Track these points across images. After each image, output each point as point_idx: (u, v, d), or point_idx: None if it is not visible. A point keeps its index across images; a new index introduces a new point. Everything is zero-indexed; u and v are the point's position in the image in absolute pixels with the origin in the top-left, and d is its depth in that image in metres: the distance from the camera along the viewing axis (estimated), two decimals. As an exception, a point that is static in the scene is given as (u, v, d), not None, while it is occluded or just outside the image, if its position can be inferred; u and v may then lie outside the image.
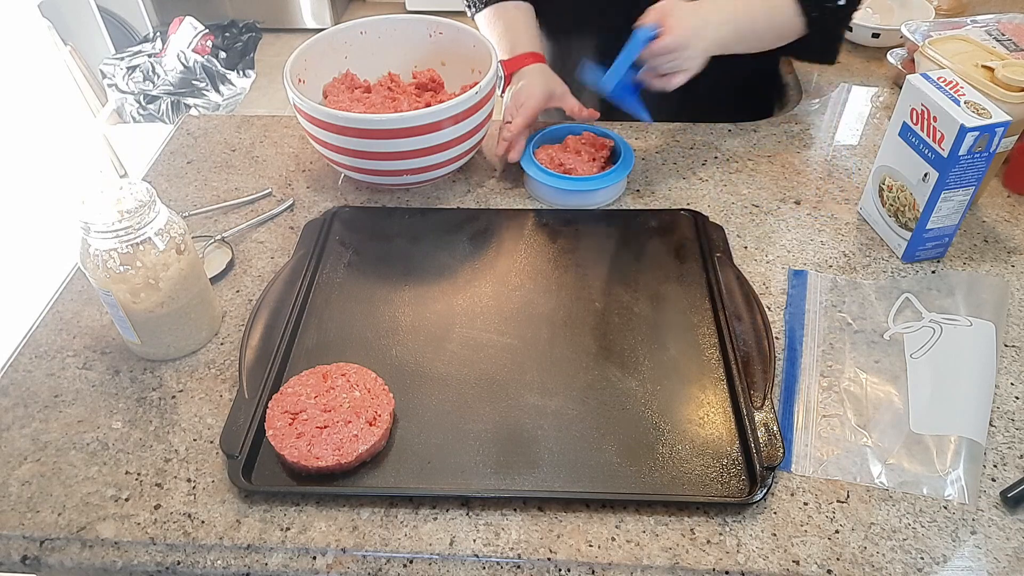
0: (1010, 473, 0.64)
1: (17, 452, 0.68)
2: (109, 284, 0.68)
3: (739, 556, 0.59)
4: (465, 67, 0.99)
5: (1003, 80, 0.80)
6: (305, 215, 0.92)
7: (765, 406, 0.67)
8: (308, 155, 1.02)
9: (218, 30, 3.05)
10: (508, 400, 0.70)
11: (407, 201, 0.95)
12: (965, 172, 0.75)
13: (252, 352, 0.74)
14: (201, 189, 0.97)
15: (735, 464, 0.64)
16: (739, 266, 0.82)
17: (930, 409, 0.68)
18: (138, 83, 2.72)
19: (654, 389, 0.70)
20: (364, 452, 0.64)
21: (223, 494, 0.64)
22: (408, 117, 0.84)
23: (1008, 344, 0.75)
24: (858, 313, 0.78)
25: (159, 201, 0.69)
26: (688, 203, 0.92)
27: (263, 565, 0.60)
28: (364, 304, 0.80)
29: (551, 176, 0.90)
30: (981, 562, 0.58)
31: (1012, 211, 0.90)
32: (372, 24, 1.01)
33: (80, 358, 0.76)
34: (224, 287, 0.84)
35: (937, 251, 0.83)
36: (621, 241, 0.87)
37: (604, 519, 0.62)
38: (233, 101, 2.89)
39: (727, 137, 1.03)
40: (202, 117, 1.11)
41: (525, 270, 0.83)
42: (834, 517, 0.61)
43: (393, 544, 0.60)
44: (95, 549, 0.61)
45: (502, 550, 0.60)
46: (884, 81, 1.14)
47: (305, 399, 0.67)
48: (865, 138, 1.03)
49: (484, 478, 0.64)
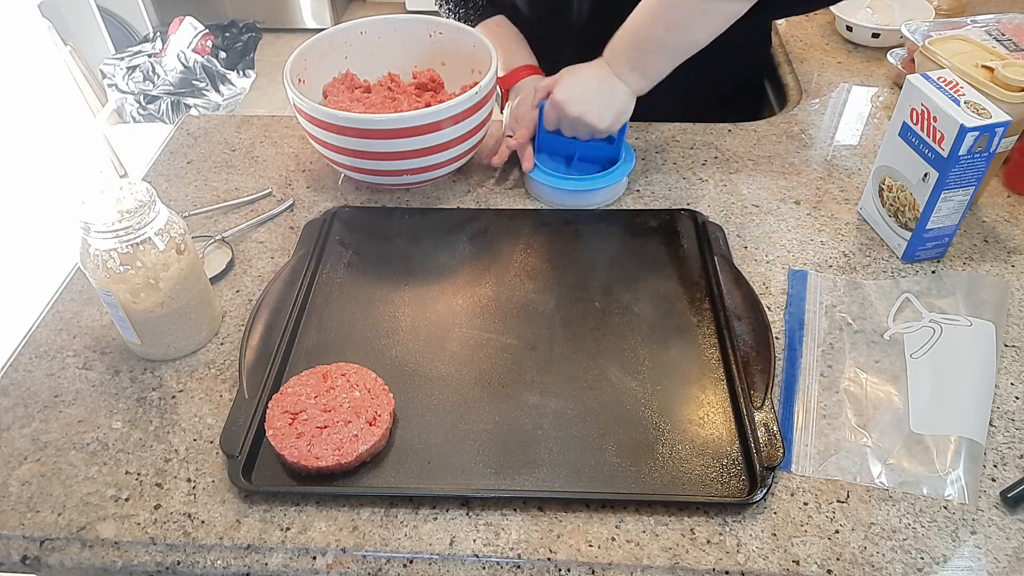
0: (1010, 473, 0.64)
1: (17, 452, 0.68)
2: (109, 284, 0.68)
3: (739, 556, 0.59)
4: (465, 67, 0.99)
5: (1003, 80, 0.80)
6: (305, 215, 0.92)
7: (765, 406, 0.67)
8: (308, 155, 1.02)
9: (218, 30, 3.05)
10: (508, 400, 0.70)
11: (407, 201, 0.95)
12: (965, 172, 0.75)
13: (252, 352, 0.74)
14: (201, 189, 0.97)
15: (735, 464, 0.64)
16: (739, 266, 0.82)
17: (930, 409, 0.68)
18: (138, 83, 2.73)
19: (654, 389, 0.70)
20: (364, 452, 0.64)
21: (223, 494, 0.64)
22: (408, 117, 0.84)
23: (1008, 344, 0.75)
24: (858, 313, 0.78)
25: (159, 201, 0.69)
26: (688, 203, 0.92)
27: (263, 565, 0.60)
28: (364, 304, 0.80)
29: (552, 176, 0.90)
30: (981, 562, 0.58)
31: (1012, 211, 0.90)
32: (372, 24, 1.01)
33: (80, 358, 0.76)
34: (224, 287, 0.84)
35: (937, 251, 0.83)
36: (621, 241, 0.87)
37: (604, 519, 0.62)
38: (233, 101, 2.89)
39: (727, 137, 1.03)
40: (202, 117, 1.11)
41: (525, 270, 0.83)
42: (834, 517, 0.61)
43: (393, 544, 0.60)
44: (95, 549, 0.61)
45: (502, 550, 0.60)
46: (884, 81, 1.14)
47: (305, 399, 0.67)
48: (865, 138, 1.03)
49: (484, 478, 0.64)
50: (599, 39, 0.89)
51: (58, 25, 2.46)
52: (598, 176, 0.90)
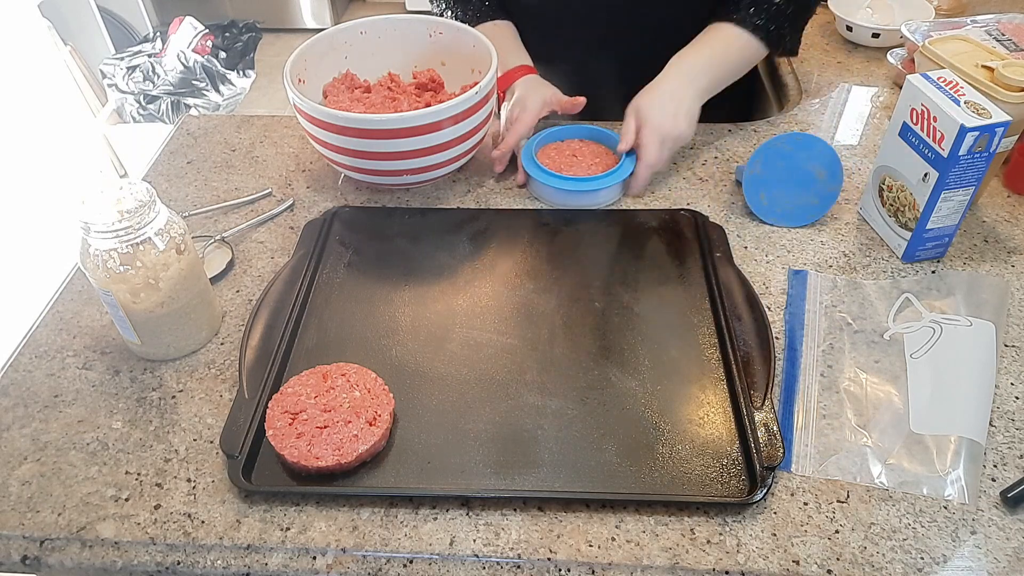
0: (1010, 473, 0.64)
1: (17, 452, 0.68)
2: (109, 284, 0.68)
3: (739, 556, 0.59)
4: (465, 67, 0.99)
5: (1003, 80, 0.80)
6: (305, 215, 0.92)
7: (765, 406, 0.67)
8: (308, 155, 1.02)
9: (218, 30, 3.05)
10: (508, 400, 0.70)
11: (407, 201, 0.95)
12: (965, 172, 0.75)
13: (252, 352, 0.74)
14: (201, 189, 0.97)
15: (735, 464, 0.64)
16: (739, 266, 0.82)
17: (930, 409, 0.68)
18: (138, 83, 2.73)
19: (654, 389, 0.70)
20: (364, 452, 0.64)
21: (223, 494, 0.64)
22: (408, 117, 0.84)
23: (1008, 344, 0.75)
24: (858, 313, 0.78)
25: (159, 201, 0.69)
26: (688, 203, 0.92)
27: (263, 565, 0.60)
28: (364, 304, 0.80)
29: (552, 177, 0.90)
30: (981, 562, 0.58)
31: (1012, 211, 0.90)
32: (372, 24, 1.01)
33: (80, 358, 0.76)
34: (224, 287, 0.84)
35: (937, 251, 0.83)
36: (621, 241, 0.87)
37: (604, 519, 0.62)
38: (233, 101, 2.89)
39: (727, 137, 1.03)
40: (202, 117, 1.11)
41: (525, 270, 0.83)
42: (834, 517, 0.61)
43: (393, 544, 0.60)
44: (95, 549, 0.61)
45: (502, 550, 0.60)
46: (884, 81, 1.14)
47: (305, 399, 0.67)
48: (865, 138, 1.03)
49: (484, 478, 0.64)
50: (619, 42, 0.90)
51: (58, 25, 2.46)
52: (599, 176, 0.90)
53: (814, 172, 0.87)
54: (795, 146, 0.86)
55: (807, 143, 0.86)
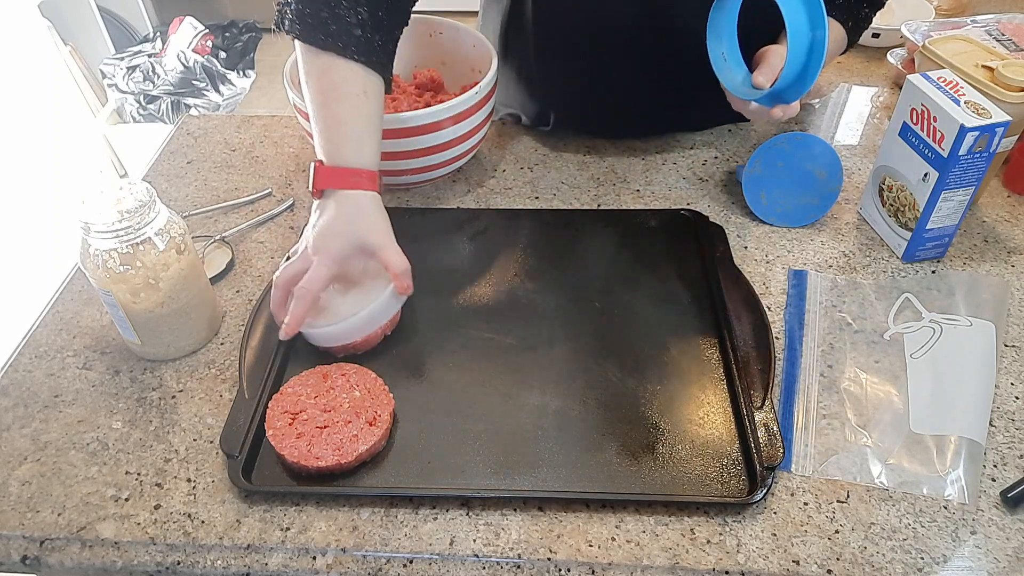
0: (1010, 473, 0.64)
1: (17, 452, 0.68)
2: (109, 284, 0.68)
3: (739, 556, 0.59)
4: (465, 67, 0.99)
5: (1003, 80, 0.80)
6: (305, 215, 0.92)
7: (765, 406, 0.67)
8: (308, 155, 1.02)
9: (218, 30, 3.05)
10: (508, 400, 0.70)
11: (407, 201, 0.95)
12: (965, 172, 0.75)
13: (252, 352, 0.74)
14: (201, 189, 0.97)
15: (735, 464, 0.64)
16: (739, 266, 0.82)
17: (930, 409, 0.68)
18: (138, 83, 2.73)
19: (654, 389, 0.70)
20: (364, 452, 0.64)
21: (223, 494, 0.64)
22: (408, 117, 0.84)
23: (1008, 344, 0.75)
24: (858, 313, 0.78)
25: (159, 201, 0.69)
26: (688, 203, 0.92)
27: (263, 565, 0.60)
28: (364, 304, 0.80)
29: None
30: (981, 562, 0.58)
31: (1012, 211, 0.90)
32: (372, 24, 1.00)
33: (80, 358, 0.76)
34: (224, 287, 0.84)
35: (937, 251, 0.83)
36: (621, 241, 0.87)
37: (604, 519, 0.62)
38: (233, 101, 2.88)
39: (727, 137, 1.03)
40: (202, 117, 1.11)
41: (525, 270, 0.83)
42: (834, 517, 0.61)
43: (393, 544, 0.60)
44: (95, 549, 0.61)
45: (502, 550, 0.60)
46: (884, 81, 1.14)
47: (305, 399, 0.67)
48: (865, 138, 1.03)
49: (484, 478, 0.64)
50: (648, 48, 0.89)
51: (58, 25, 2.46)
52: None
53: (814, 172, 0.87)
54: (795, 146, 0.86)
55: (807, 143, 0.86)
